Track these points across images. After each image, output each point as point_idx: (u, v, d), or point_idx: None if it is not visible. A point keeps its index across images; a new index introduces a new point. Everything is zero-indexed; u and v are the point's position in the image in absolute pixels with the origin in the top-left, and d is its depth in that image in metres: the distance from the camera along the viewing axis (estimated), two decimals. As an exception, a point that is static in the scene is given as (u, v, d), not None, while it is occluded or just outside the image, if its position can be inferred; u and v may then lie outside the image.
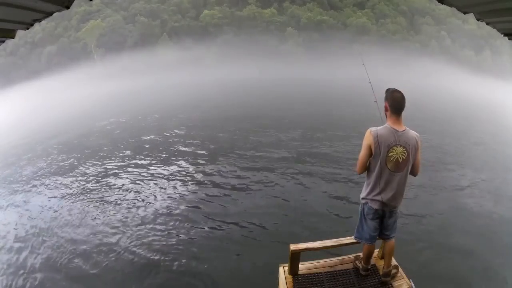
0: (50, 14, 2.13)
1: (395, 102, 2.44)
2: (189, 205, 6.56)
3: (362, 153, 2.55)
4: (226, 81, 28.49)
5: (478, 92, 25.82)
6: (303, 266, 3.13)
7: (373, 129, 2.49)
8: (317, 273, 3.08)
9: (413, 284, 2.86)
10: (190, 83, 28.57)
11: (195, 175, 8.27)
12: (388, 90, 2.52)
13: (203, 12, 45.24)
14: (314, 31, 43.17)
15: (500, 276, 4.37)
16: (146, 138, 12.14)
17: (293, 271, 3.05)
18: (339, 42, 40.07)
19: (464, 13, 2.43)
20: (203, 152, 10.23)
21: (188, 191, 7.26)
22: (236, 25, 43.94)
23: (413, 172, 2.58)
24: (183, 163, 9.26)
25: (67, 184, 8.05)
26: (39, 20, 2.19)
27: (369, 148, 2.49)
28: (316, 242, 3.11)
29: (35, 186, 8.14)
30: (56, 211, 6.62)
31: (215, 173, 8.32)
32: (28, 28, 2.23)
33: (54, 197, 7.35)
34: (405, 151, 2.43)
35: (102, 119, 15.75)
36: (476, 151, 10.56)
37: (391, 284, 2.89)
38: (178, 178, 8.10)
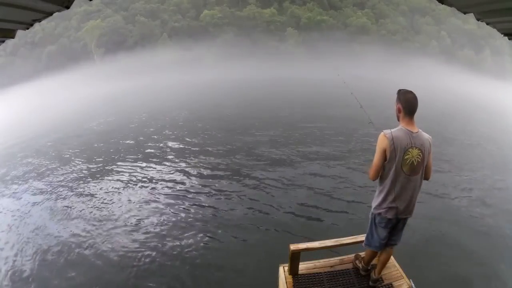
0: (50, 14, 2.12)
1: (409, 104, 2.34)
2: (183, 207, 6.51)
3: (376, 158, 2.40)
4: (226, 81, 28.48)
5: (478, 92, 25.82)
6: (303, 266, 3.13)
7: (387, 132, 2.36)
8: (317, 273, 3.09)
9: (413, 284, 2.86)
10: (190, 83, 28.56)
11: (186, 176, 8.16)
12: (400, 91, 2.41)
13: (203, 12, 45.26)
14: (314, 31, 43.20)
15: (500, 278, 4.37)
16: (132, 139, 12.05)
17: (293, 271, 3.05)
18: (339, 42, 40.12)
19: (464, 13, 2.42)
20: (195, 152, 10.17)
21: (181, 193, 7.19)
22: (236, 25, 43.96)
23: (426, 176, 2.47)
24: (172, 162, 9.21)
25: (52, 186, 8.00)
26: (39, 20, 2.18)
27: (384, 152, 2.36)
28: (316, 242, 3.11)
29: (17, 189, 8.07)
30: (31, 213, 6.61)
31: (208, 173, 8.29)
32: (28, 28, 2.22)
33: (37, 199, 7.34)
34: (420, 153, 2.33)
35: (94, 120, 15.75)
36: (476, 151, 10.57)
37: (391, 284, 2.89)
38: (168, 178, 8.02)
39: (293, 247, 2.94)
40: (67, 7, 2.09)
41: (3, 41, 2.32)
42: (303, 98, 19.75)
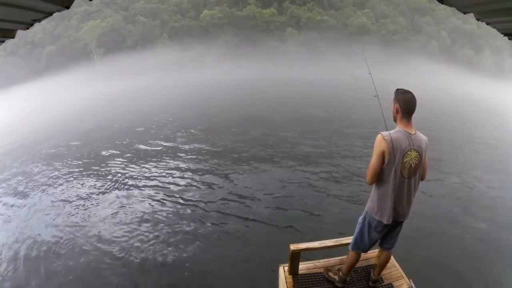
0: (50, 14, 2.12)
1: (408, 104, 2.24)
2: (181, 206, 6.50)
3: (374, 161, 2.28)
4: (226, 81, 28.48)
5: (478, 92, 25.82)
6: (303, 266, 3.13)
7: (385, 133, 2.25)
8: (317, 273, 3.08)
9: (413, 284, 2.86)
10: (189, 83, 28.57)
11: (182, 177, 8.12)
12: (397, 91, 2.31)
13: (203, 12, 45.27)
14: (314, 31, 43.21)
15: (499, 277, 4.37)
16: (128, 139, 12.00)
17: (293, 271, 3.05)
18: (339, 42, 40.13)
19: (464, 13, 2.42)
20: (192, 153, 10.19)
21: (177, 194, 7.16)
22: (236, 25, 43.96)
23: (422, 176, 2.39)
24: (167, 163, 9.18)
25: (44, 187, 7.95)
26: (39, 20, 2.18)
27: (382, 155, 2.24)
28: (316, 242, 3.11)
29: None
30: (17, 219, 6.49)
31: (206, 174, 8.26)
32: (28, 28, 2.22)
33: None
34: (418, 156, 2.26)
35: (94, 120, 15.76)
36: (475, 151, 10.57)
37: (391, 284, 2.89)
38: (163, 179, 7.97)
39: (293, 247, 2.94)
40: (67, 7, 2.09)
41: (3, 41, 2.32)
42: (303, 98, 19.76)
